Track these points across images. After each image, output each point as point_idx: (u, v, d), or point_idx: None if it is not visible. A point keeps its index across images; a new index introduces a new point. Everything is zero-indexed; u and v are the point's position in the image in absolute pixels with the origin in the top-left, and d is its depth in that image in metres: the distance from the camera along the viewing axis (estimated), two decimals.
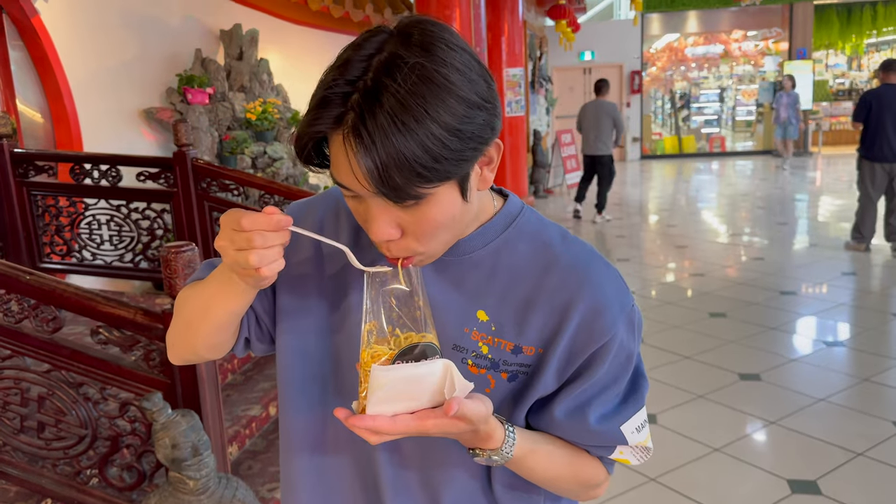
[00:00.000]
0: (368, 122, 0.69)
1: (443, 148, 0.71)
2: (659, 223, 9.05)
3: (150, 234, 3.92)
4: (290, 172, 5.69)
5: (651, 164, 15.61)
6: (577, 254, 0.90)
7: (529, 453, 0.88)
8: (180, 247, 1.81)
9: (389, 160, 0.70)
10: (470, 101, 0.73)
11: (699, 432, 3.36)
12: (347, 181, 0.75)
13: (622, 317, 0.88)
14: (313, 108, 0.74)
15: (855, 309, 5.19)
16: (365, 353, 0.77)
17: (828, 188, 10.93)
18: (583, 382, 0.89)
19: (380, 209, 0.77)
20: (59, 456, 2.12)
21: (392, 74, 0.70)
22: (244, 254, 0.74)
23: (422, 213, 0.77)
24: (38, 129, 4.50)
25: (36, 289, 1.98)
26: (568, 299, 0.87)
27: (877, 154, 6.44)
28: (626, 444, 0.93)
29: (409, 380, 0.73)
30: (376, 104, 0.70)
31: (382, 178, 0.71)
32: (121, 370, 2.00)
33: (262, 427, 3.07)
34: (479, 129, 0.75)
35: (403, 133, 0.69)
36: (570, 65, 15.86)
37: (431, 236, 0.80)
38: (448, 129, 0.71)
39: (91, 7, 4.68)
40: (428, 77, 0.71)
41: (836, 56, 17.41)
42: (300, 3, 6.32)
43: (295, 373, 0.96)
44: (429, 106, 0.70)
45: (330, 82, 0.73)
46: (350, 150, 0.72)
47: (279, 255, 0.76)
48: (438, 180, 0.73)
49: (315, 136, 0.75)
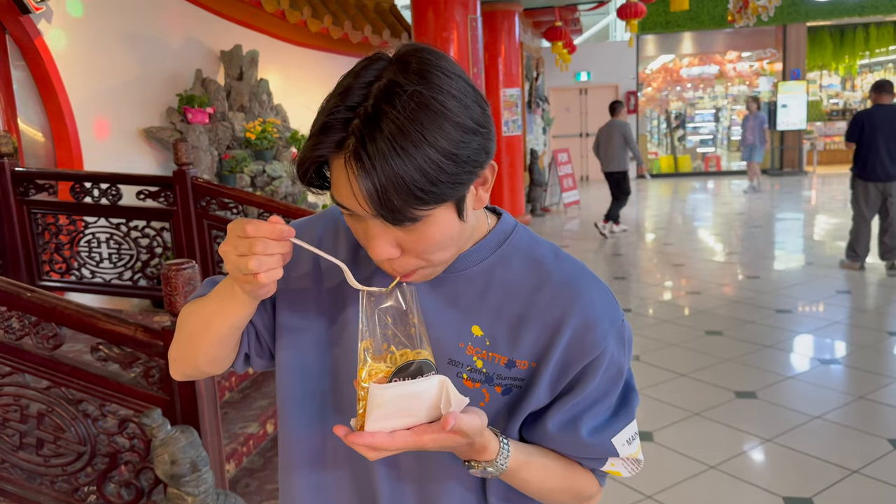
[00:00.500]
0: (369, 147, 0.72)
1: (440, 172, 0.74)
2: (655, 242, 9.08)
3: (150, 252, 3.94)
4: (288, 191, 5.73)
5: (647, 183, 15.68)
6: (568, 271, 0.93)
7: (524, 465, 0.90)
8: (181, 264, 1.84)
9: (388, 183, 0.72)
10: (466, 127, 0.76)
11: (695, 450, 3.37)
12: (348, 202, 0.78)
13: (612, 331, 0.91)
14: (315, 133, 0.77)
15: (850, 327, 5.21)
16: (362, 370, 0.78)
17: (822, 207, 10.98)
18: (575, 396, 0.91)
19: (379, 229, 0.80)
20: (58, 473, 2.13)
21: (391, 101, 0.73)
22: (244, 259, 0.77)
23: (420, 234, 0.79)
24: (39, 149, 4.54)
25: (37, 306, 2.00)
26: (560, 315, 0.89)
27: (870, 173, 6.49)
28: (617, 455, 0.95)
29: (407, 397, 0.75)
30: (376, 129, 0.72)
31: (381, 201, 0.74)
32: (120, 387, 2.01)
33: (260, 445, 3.08)
34: (474, 153, 0.77)
35: (402, 157, 0.72)
36: (566, 85, 16.00)
37: (430, 254, 0.82)
38: (445, 154, 0.74)
39: (93, 28, 4.73)
40: (425, 104, 0.74)
41: (830, 77, 17.57)
42: (300, 25, 6.39)
43: (294, 388, 0.98)
44: (426, 132, 0.73)
45: (331, 108, 0.76)
46: (351, 173, 0.74)
47: (278, 263, 0.78)
48: (435, 203, 0.76)
49: (317, 160, 0.78)
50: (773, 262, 7.50)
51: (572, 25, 13.02)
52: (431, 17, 6.22)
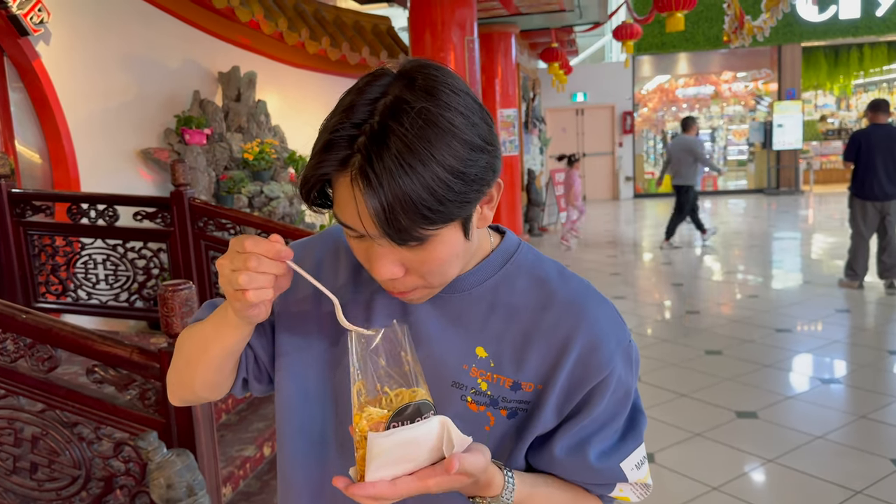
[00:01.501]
0: (375, 165, 0.70)
1: (447, 190, 0.72)
2: (653, 261, 9.08)
3: (146, 274, 3.92)
4: (286, 211, 5.72)
5: (644, 203, 15.73)
6: (574, 289, 0.91)
7: (528, 497, 0.87)
8: (177, 285, 1.82)
9: (395, 202, 0.71)
10: (473, 145, 0.75)
11: (697, 471, 3.34)
12: (352, 222, 0.76)
13: (619, 352, 0.89)
14: (319, 150, 0.75)
15: (850, 346, 5.19)
16: (358, 416, 0.76)
17: (820, 226, 11.01)
18: (582, 419, 0.89)
19: (383, 249, 0.78)
20: (52, 497, 2.10)
21: (398, 118, 0.72)
22: (236, 275, 0.75)
23: (426, 254, 0.78)
24: (36, 170, 4.53)
25: (32, 327, 1.98)
26: (565, 335, 0.87)
27: (867, 192, 6.51)
28: (626, 481, 0.93)
29: (407, 442, 0.73)
30: (383, 147, 0.71)
31: (388, 220, 0.72)
32: (116, 409, 1.99)
33: (257, 468, 3.04)
34: (481, 171, 0.76)
35: (410, 176, 0.70)
36: (562, 106, 16.09)
37: (435, 274, 0.81)
38: (453, 173, 0.72)
39: (91, 50, 4.75)
40: (433, 121, 0.72)
41: (825, 96, 17.70)
42: (298, 47, 6.43)
43: (293, 412, 0.96)
44: (434, 149, 0.71)
45: (336, 125, 0.74)
46: (357, 192, 0.73)
47: (270, 283, 0.76)
48: (442, 222, 0.74)
49: (322, 178, 0.76)
50: (771, 281, 7.50)
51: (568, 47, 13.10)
52: (429, 38, 6.26)
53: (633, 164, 16.44)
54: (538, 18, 9.56)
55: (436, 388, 0.88)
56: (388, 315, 0.92)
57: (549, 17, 9.65)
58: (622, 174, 16.37)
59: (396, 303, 0.92)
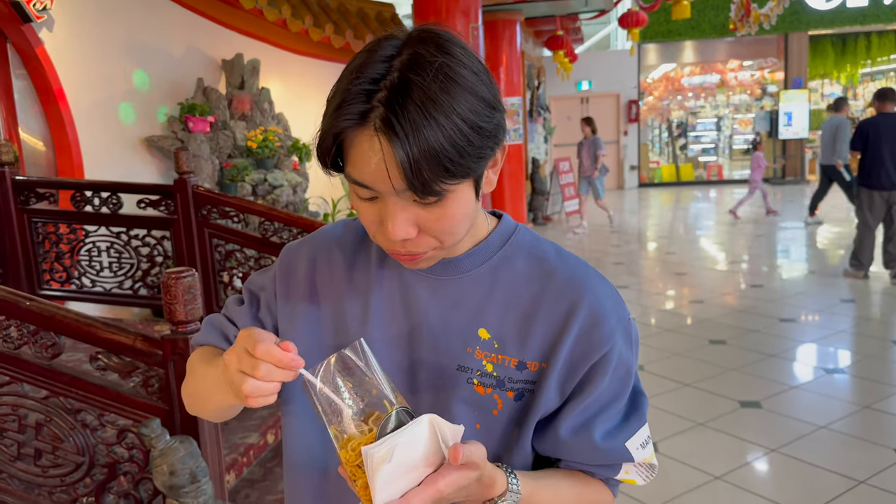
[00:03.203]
0: (400, 116, 0.71)
1: (467, 143, 0.74)
2: (657, 250, 9.07)
3: (150, 261, 3.93)
4: (290, 200, 5.72)
5: (649, 192, 15.68)
6: (573, 267, 0.92)
7: (534, 492, 0.86)
8: (180, 273, 1.82)
9: (420, 154, 0.71)
10: (487, 101, 0.77)
11: (700, 460, 3.34)
12: (371, 177, 0.76)
13: (620, 328, 0.89)
14: (336, 107, 0.75)
15: (855, 336, 5.18)
16: (343, 452, 0.74)
17: (825, 215, 10.96)
18: (585, 397, 0.88)
19: (398, 207, 0.78)
20: (56, 483, 2.10)
21: (419, 72, 0.73)
22: (242, 377, 0.74)
23: (441, 212, 0.78)
24: (40, 157, 4.53)
25: (36, 314, 1.98)
26: (567, 311, 0.88)
27: (874, 182, 6.48)
28: (631, 460, 0.92)
29: (403, 448, 0.71)
30: (407, 99, 0.71)
31: (413, 171, 0.72)
32: (119, 396, 1.99)
33: (260, 455, 3.05)
34: (494, 128, 0.78)
35: (434, 128, 0.71)
36: (567, 94, 16.02)
37: (447, 233, 0.81)
38: (472, 126, 0.74)
39: (94, 37, 4.74)
40: (451, 77, 0.73)
41: (832, 85, 17.59)
42: (301, 34, 6.39)
43: (298, 413, 0.96)
44: (455, 102, 0.73)
45: (352, 81, 0.75)
46: (383, 144, 0.73)
47: (274, 391, 0.75)
48: (461, 176, 0.75)
49: (340, 131, 0.75)
50: (776, 271, 7.48)
51: (574, 34, 13.04)
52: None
53: (639, 153, 16.37)
54: (543, 6, 9.50)
55: (441, 372, 0.88)
56: (386, 308, 0.91)
57: (554, 5, 9.59)
58: (627, 163, 16.31)
59: (396, 295, 0.92)
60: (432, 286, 0.90)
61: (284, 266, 0.99)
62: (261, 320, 0.99)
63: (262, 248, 3.64)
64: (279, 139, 5.95)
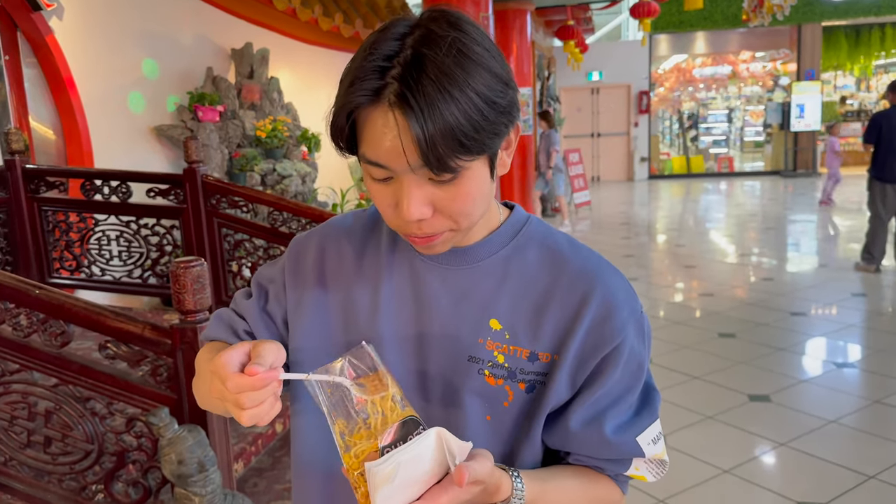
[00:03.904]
0: (415, 91, 0.71)
1: (482, 118, 0.73)
2: (667, 243, 9.03)
3: (160, 250, 3.93)
4: (298, 190, 5.72)
5: (659, 184, 15.61)
6: (586, 258, 0.91)
7: (541, 493, 0.85)
8: (189, 262, 1.82)
9: (436, 129, 0.71)
10: (501, 77, 0.76)
11: (708, 454, 3.33)
12: (386, 154, 0.75)
13: (632, 321, 0.88)
14: (349, 84, 0.75)
15: (866, 330, 5.14)
16: (347, 457, 0.72)
17: (837, 209, 10.89)
18: (596, 390, 0.87)
19: (414, 186, 0.77)
20: (65, 471, 2.12)
21: (432, 47, 0.73)
22: (237, 412, 0.73)
23: (456, 190, 0.78)
24: (50, 146, 4.54)
25: (45, 303, 1.98)
26: (579, 301, 0.87)
27: (888, 175, 6.42)
28: (642, 455, 0.91)
29: (408, 464, 0.69)
30: (421, 73, 0.71)
31: (429, 146, 0.72)
32: (128, 385, 2.00)
33: (268, 444, 3.06)
34: (508, 105, 0.77)
35: (448, 102, 0.71)
36: (577, 85, 15.94)
37: (463, 214, 0.80)
38: (486, 101, 0.74)
39: (104, 26, 4.74)
40: (465, 52, 0.74)
41: (845, 77, 17.43)
42: (311, 23, 6.38)
43: (307, 407, 0.94)
44: (469, 77, 0.73)
45: (365, 58, 0.75)
46: (398, 119, 0.72)
47: (272, 404, 0.74)
48: (476, 152, 0.75)
49: (355, 107, 0.75)
50: (786, 264, 7.44)
51: (584, 24, 12.96)
52: None
53: (649, 145, 16.30)
54: None
55: (452, 363, 0.87)
56: (396, 297, 0.90)
57: None
58: (637, 155, 16.24)
59: (406, 285, 0.91)
60: (443, 276, 0.89)
61: (293, 257, 0.98)
62: (269, 313, 0.98)
63: (271, 237, 3.64)
64: (288, 129, 5.94)
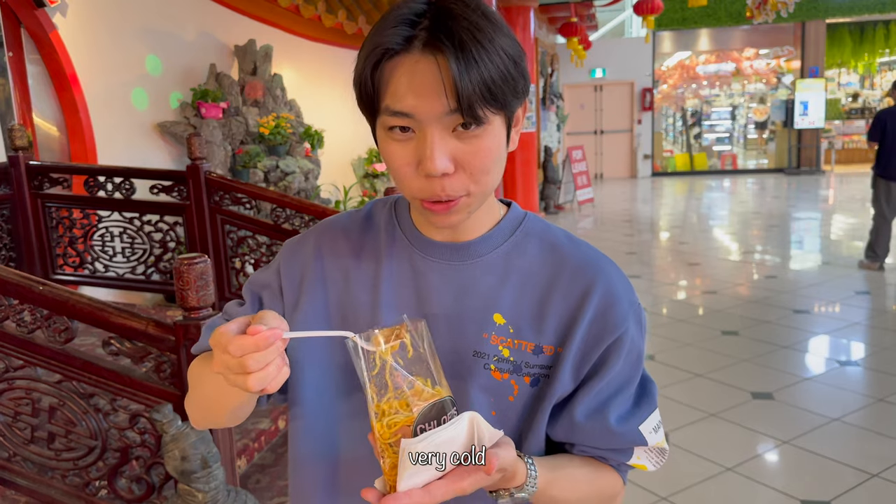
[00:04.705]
0: (449, 36, 0.74)
1: (507, 72, 0.77)
2: (670, 240, 9.02)
3: (163, 247, 3.94)
4: (301, 186, 5.72)
5: (662, 182, 15.59)
6: (585, 252, 0.93)
7: (552, 481, 0.86)
8: (193, 259, 1.82)
9: (469, 73, 0.74)
10: (517, 43, 0.80)
11: (711, 451, 3.33)
12: (415, 100, 0.76)
13: (632, 312, 0.90)
14: (379, 33, 0.77)
15: (869, 328, 5.14)
16: (380, 425, 0.73)
17: (841, 206, 10.87)
18: (599, 381, 0.89)
19: (438, 138, 0.78)
20: (69, 467, 2.12)
21: (459, 5, 0.76)
22: (242, 379, 0.71)
23: (479, 144, 0.79)
24: (53, 142, 4.55)
25: (49, 299, 1.99)
26: (581, 293, 0.88)
27: (892, 173, 6.40)
28: (645, 444, 0.93)
29: (441, 444, 0.71)
30: (452, 22, 0.75)
31: (463, 90, 0.74)
32: (132, 381, 2.00)
33: (271, 440, 3.07)
34: (524, 70, 0.81)
35: (479, 51, 0.74)
36: (581, 82, 15.91)
37: (483, 171, 0.81)
38: (509, 57, 0.77)
39: (108, 22, 4.74)
40: (488, 15, 0.77)
41: (849, 75, 17.38)
42: (314, 20, 6.38)
43: (307, 405, 0.95)
44: (495, 34, 0.76)
45: (394, 11, 0.78)
46: (437, 60, 0.75)
47: (279, 367, 0.73)
48: (501, 105, 0.78)
49: (385, 50, 0.77)
50: (789, 262, 7.42)
51: (588, 21, 12.93)
52: None
53: (652, 142, 16.26)
54: None
55: (458, 359, 0.88)
56: (397, 295, 0.90)
57: None
58: (640, 152, 16.21)
59: (407, 283, 0.91)
60: (444, 272, 0.90)
61: (288, 258, 0.97)
62: None
63: (274, 234, 3.64)
64: (291, 126, 5.94)
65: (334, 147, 6.95)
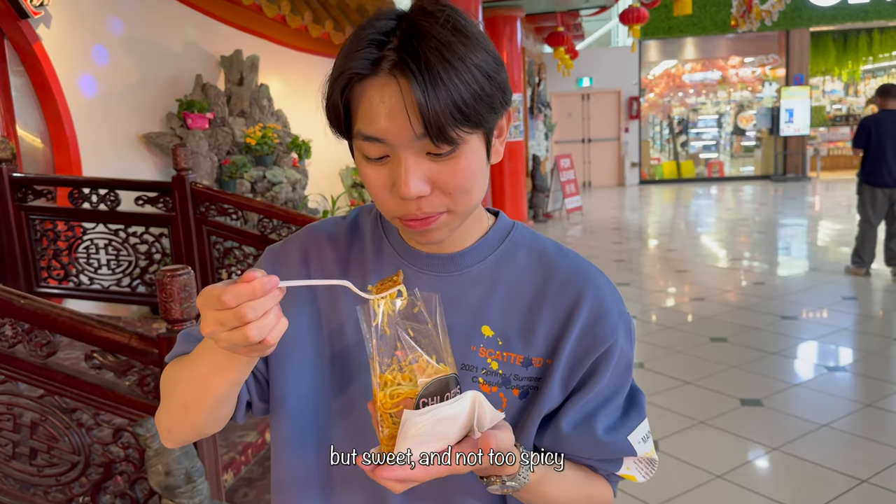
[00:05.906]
0: (416, 58, 0.71)
1: (480, 90, 0.74)
2: (658, 248, 9.04)
3: (148, 259, 3.91)
4: (288, 197, 5.70)
5: (650, 189, 15.66)
6: (574, 262, 0.91)
7: (544, 476, 0.85)
8: (176, 270, 1.80)
9: (437, 96, 0.71)
10: (494, 55, 0.78)
11: (700, 459, 3.32)
12: (384, 126, 0.74)
13: (621, 322, 0.89)
14: (346, 57, 0.75)
15: (856, 334, 5.16)
16: (382, 394, 0.72)
17: (826, 213, 10.94)
18: (587, 392, 0.88)
19: (411, 161, 0.76)
20: (52, 483, 2.09)
21: (429, 20, 0.74)
22: (240, 332, 0.67)
23: (455, 164, 0.77)
24: (37, 154, 4.51)
25: (30, 313, 1.96)
26: (570, 305, 0.87)
27: (877, 179, 6.45)
28: (634, 454, 0.92)
29: (442, 420, 0.71)
30: (421, 42, 0.72)
31: (430, 112, 0.71)
32: (115, 395, 1.97)
33: (258, 453, 3.04)
34: (502, 83, 0.78)
35: (449, 71, 0.71)
36: (568, 91, 15.99)
37: (461, 190, 0.79)
38: (483, 73, 0.75)
39: (92, 33, 4.71)
40: (460, 29, 0.75)
41: (833, 82, 17.54)
42: (301, 30, 6.37)
43: (292, 413, 0.92)
44: (467, 50, 0.74)
45: (359, 34, 0.75)
46: (401, 85, 0.72)
47: (278, 317, 0.69)
48: (475, 123, 0.75)
49: (350, 77, 0.75)
50: (777, 268, 7.46)
51: (574, 31, 13.00)
52: None
53: (640, 150, 16.35)
54: (544, 1, 9.47)
55: None
56: None
57: (555, 1, 9.57)
58: (628, 160, 16.29)
59: None
60: (431, 283, 0.88)
61: (271, 265, 0.95)
62: None
63: (260, 245, 3.62)
64: (278, 136, 5.93)
65: (322, 157, 6.94)
